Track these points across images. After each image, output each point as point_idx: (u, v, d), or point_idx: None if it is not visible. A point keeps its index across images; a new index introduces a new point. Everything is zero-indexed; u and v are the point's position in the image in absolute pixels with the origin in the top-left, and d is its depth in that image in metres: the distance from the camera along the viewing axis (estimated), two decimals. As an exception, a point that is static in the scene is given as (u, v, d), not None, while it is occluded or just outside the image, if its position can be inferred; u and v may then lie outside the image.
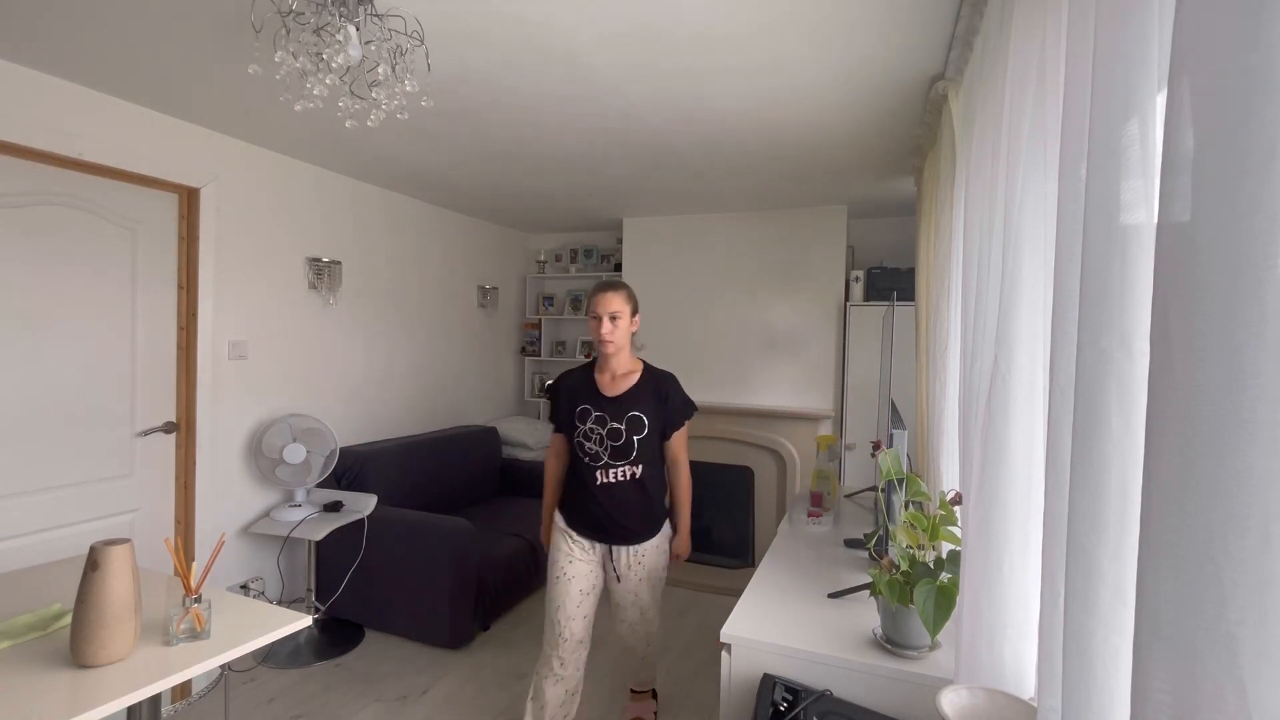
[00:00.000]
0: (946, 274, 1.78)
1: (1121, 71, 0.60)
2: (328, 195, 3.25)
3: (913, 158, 2.76)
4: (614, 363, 1.96)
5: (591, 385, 1.98)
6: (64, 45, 1.91)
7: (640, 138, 2.61)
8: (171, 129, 2.51)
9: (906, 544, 1.33)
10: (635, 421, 1.91)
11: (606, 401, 1.94)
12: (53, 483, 2.26)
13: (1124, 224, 0.59)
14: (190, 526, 2.66)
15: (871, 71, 1.97)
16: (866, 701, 1.26)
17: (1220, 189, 0.40)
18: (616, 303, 1.91)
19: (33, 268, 2.18)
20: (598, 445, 1.92)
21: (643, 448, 1.92)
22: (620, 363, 1.97)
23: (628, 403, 1.93)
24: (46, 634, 1.29)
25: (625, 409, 1.92)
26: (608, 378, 1.98)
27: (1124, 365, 0.59)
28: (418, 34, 1.71)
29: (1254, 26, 0.37)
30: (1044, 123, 0.92)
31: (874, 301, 3.64)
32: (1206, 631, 0.39)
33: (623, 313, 1.92)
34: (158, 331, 2.56)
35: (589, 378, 2.00)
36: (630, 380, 1.97)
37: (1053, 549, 0.73)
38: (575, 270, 4.74)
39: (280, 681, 2.55)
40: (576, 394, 1.99)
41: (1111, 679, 0.59)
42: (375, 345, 3.59)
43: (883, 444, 1.72)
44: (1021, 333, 0.97)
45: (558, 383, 2.06)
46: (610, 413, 1.92)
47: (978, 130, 1.39)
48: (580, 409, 1.95)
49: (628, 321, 1.94)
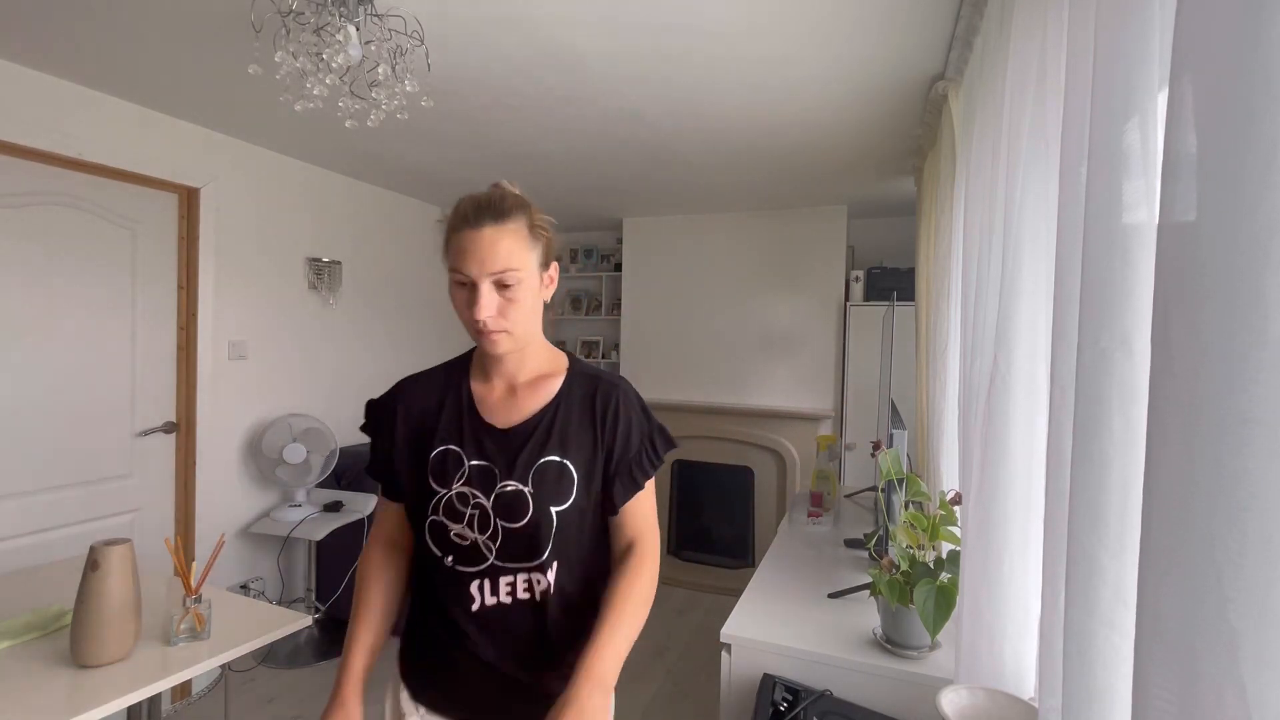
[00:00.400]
0: (946, 274, 1.78)
1: (1122, 71, 0.60)
2: (327, 195, 3.25)
3: (913, 157, 2.76)
4: (509, 363, 1.01)
5: (463, 405, 1.02)
6: (64, 45, 1.91)
7: (640, 138, 2.61)
8: (171, 129, 2.51)
9: (906, 544, 1.33)
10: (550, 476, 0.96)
11: (494, 437, 0.98)
12: (53, 483, 2.26)
13: (1125, 224, 0.59)
14: (190, 526, 2.66)
15: (871, 71, 1.96)
16: (866, 701, 1.26)
17: (1222, 190, 0.40)
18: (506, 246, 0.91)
19: (33, 268, 2.18)
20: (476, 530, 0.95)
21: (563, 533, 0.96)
22: (522, 361, 1.02)
23: (536, 439, 0.97)
24: (47, 634, 1.30)
25: (532, 453, 0.96)
26: (498, 390, 1.02)
27: (1124, 365, 0.59)
28: (418, 34, 1.71)
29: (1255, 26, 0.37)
30: (1044, 122, 0.92)
31: (874, 301, 3.64)
32: (1207, 632, 0.39)
33: (523, 269, 0.93)
34: (158, 331, 2.56)
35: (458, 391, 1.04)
36: (543, 393, 1.01)
37: (1053, 549, 0.73)
38: (575, 270, 4.74)
39: (280, 681, 2.55)
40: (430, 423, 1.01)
41: (1112, 679, 0.59)
42: (375, 345, 3.59)
43: (883, 444, 1.72)
44: (1021, 332, 0.97)
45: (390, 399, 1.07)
46: (501, 461, 0.96)
47: (978, 130, 1.39)
48: (439, 453, 0.98)
49: (536, 283, 0.96)
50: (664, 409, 4.10)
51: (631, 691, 2.56)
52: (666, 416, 4.10)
